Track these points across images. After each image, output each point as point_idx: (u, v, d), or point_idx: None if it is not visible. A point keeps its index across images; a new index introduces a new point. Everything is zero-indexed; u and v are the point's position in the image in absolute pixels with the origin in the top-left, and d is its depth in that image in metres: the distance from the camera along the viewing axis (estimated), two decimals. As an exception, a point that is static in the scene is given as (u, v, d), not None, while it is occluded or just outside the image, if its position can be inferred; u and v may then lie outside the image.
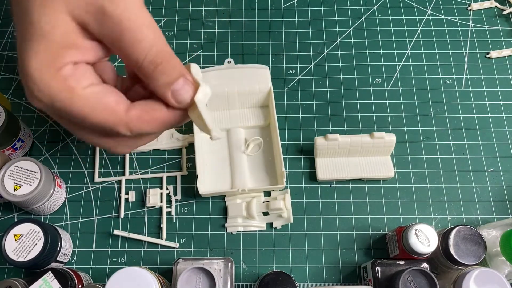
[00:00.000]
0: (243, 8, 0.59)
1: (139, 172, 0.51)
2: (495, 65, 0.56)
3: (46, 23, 0.30)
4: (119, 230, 0.48)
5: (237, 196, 0.49)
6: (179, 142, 0.51)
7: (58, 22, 0.31)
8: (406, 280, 0.38)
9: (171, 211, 0.49)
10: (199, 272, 0.37)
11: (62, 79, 0.31)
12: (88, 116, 0.32)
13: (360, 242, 0.48)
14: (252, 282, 0.46)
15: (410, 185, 0.50)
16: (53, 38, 0.31)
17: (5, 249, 0.41)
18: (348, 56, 0.56)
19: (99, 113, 0.32)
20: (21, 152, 0.50)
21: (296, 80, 0.55)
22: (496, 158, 0.51)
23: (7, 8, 0.59)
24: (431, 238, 0.41)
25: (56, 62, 0.31)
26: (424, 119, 0.53)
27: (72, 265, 0.47)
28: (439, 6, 0.59)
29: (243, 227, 0.48)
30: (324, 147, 0.48)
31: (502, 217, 0.48)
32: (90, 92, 0.32)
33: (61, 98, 0.31)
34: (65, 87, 0.31)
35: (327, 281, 0.46)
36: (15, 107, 0.54)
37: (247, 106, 0.52)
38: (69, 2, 0.31)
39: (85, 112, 0.32)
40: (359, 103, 0.54)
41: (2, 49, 0.57)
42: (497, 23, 0.58)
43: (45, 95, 0.31)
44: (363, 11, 0.59)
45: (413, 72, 0.55)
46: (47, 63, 0.30)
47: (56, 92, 0.31)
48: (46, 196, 0.45)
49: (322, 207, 0.49)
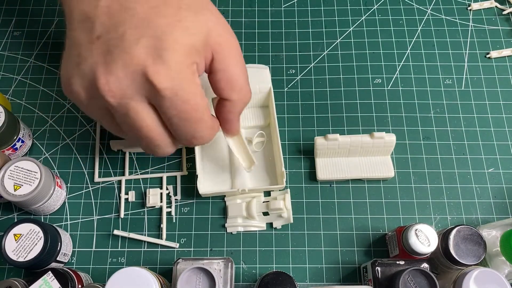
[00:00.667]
0: (243, 8, 0.59)
1: (139, 172, 0.51)
2: (495, 65, 0.56)
3: None
4: (119, 230, 0.48)
5: (237, 196, 0.49)
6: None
7: None
8: (406, 280, 0.38)
9: (171, 211, 0.49)
10: (199, 272, 0.37)
11: (191, 72, 0.36)
12: (199, 111, 0.37)
13: (360, 242, 0.48)
14: (252, 282, 0.46)
15: (410, 185, 0.50)
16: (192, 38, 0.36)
17: (5, 249, 0.41)
18: (348, 56, 0.56)
19: (205, 111, 0.38)
20: (21, 152, 0.50)
21: (296, 80, 0.55)
22: (496, 158, 0.51)
23: (7, 8, 0.59)
24: (431, 238, 0.41)
25: (191, 56, 0.36)
26: (424, 119, 0.53)
27: (72, 265, 0.47)
28: (439, 6, 0.59)
29: (243, 227, 0.48)
30: (324, 147, 0.48)
31: (502, 217, 0.48)
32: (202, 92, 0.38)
33: (186, 87, 0.36)
34: (193, 80, 0.36)
35: (327, 281, 0.46)
36: (15, 107, 0.54)
37: (247, 106, 0.52)
38: None
39: (198, 107, 0.37)
40: (359, 103, 0.54)
41: (2, 49, 0.57)
42: (497, 23, 0.58)
43: (174, 80, 0.35)
44: (363, 11, 0.59)
45: (413, 72, 0.55)
46: (186, 53, 0.36)
47: (185, 81, 0.36)
48: (46, 196, 0.45)
49: (322, 207, 0.49)
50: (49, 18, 0.59)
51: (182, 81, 0.36)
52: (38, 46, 0.57)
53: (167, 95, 0.35)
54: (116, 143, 0.51)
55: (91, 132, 0.52)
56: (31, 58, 0.56)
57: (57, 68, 0.55)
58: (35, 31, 0.58)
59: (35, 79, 0.55)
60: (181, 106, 0.36)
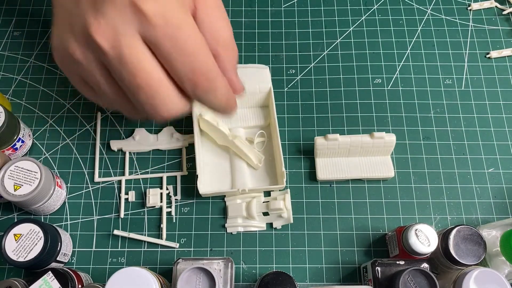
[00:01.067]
0: (243, 8, 0.59)
1: (139, 172, 0.51)
2: (495, 65, 0.56)
3: None
4: (119, 230, 0.48)
5: (237, 196, 0.49)
6: (179, 142, 0.51)
7: None
8: (406, 280, 0.38)
9: (171, 211, 0.49)
10: (199, 272, 0.37)
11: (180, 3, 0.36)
12: (194, 40, 0.36)
13: (360, 242, 0.48)
14: (252, 282, 0.46)
15: (410, 185, 0.50)
16: None
17: (5, 249, 0.41)
18: (348, 56, 0.56)
19: (204, 45, 0.37)
20: (21, 152, 0.50)
21: (296, 80, 0.55)
22: (496, 158, 0.51)
23: (7, 8, 0.59)
24: (431, 238, 0.41)
25: None
26: (424, 119, 0.53)
27: (72, 265, 0.47)
28: (439, 6, 0.59)
29: (243, 227, 0.48)
30: (324, 147, 0.48)
31: (502, 217, 0.48)
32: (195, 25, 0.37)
33: (176, 12, 0.35)
34: (183, 7, 0.36)
35: (327, 281, 0.46)
36: (15, 107, 0.54)
37: (247, 106, 0.52)
38: None
39: (192, 35, 0.36)
40: (359, 103, 0.54)
41: (2, 49, 0.57)
42: (497, 23, 0.58)
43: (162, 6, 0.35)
44: (363, 11, 0.59)
45: (413, 72, 0.55)
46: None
47: (174, 7, 0.35)
48: (46, 196, 0.45)
49: (322, 207, 0.49)
50: (49, 18, 0.59)
51: (172, 6, 0.35)
52: (38, 46, 0.57)
53: (158, 23, 0.34)
54: (116, 142, 0.51)
55: (91, 132, 0.52)
56: (31, 58, 0.56)
57: (57, 68, 0.55)
58: (35, 31, 0.58)
59: (35, 79, 0.55)
60: (174, 33, 0.35)
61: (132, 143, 0.51)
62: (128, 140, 0.51)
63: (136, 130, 0.52)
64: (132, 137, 0.51)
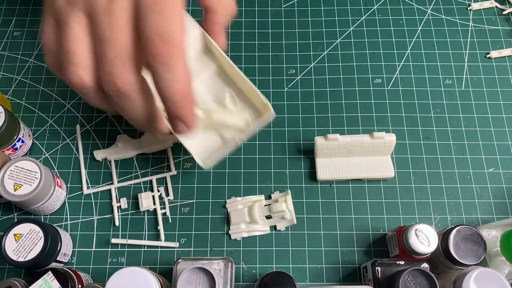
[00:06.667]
0: (243, 8, 0.59)
1: (128, 178, 0.50)
2: (495, 65, 0.56)
3: None
4: (118, 238, 0.47)
5: (238, 202, 0.48)
6: (163, 143, 0.51)
7: None
8: (406, 280, 0.38)
9: (166, 212, 0.48)
10: (199, 272, 0.37)
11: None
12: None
13: (360, 242, 0.48)
14: (252, 282, 0.46)
15: (410, 185, 0.50)
16: None
17: (5, 249, 0.41)
18: (348, 56, 0.56)
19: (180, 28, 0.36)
20: (21, 152, 0.50)
21: (296, 80, 0.55)
22: (496, 158, 0.51)
23: (7, 8, 0.59)
24: (431, 238, 0.41)
25: None
26: (424, 119, 0.53)
27: (72, 265, 0.47)
28: (439, 6, 0.59)
29: (247, 233, 0.48)
30: (324, 147, 0.48)
31: (502, 217, 0.48)
32: None
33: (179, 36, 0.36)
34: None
35: (327, 281, 0.46)
36: (15, 107, 0.54)
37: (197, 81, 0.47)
38: None
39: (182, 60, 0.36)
40: (359, 103, 0.54)
41: (2, 49, 0.57)
42: (497, 23, 0.58)
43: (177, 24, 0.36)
44: (363, 11, 0.59)
45: (413, 72, 0.55)
46: None
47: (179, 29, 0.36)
48: (46, 196, 0.45)
49: (322, 207, 0.49)
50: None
51: None
52: (38, 46, 0.57)
53: None
54: (100, 152, 0.51)
55: (91, 132, 0.52)
56: (31, 58, 0.56)
57: (57, 68, 0.55)
58: (35, 31, 0.58)
59: (35, 79, 0.55)
60: None
61: (116, 150, 0.51)
62: (112, 148, 0.51)
63: (119, 137, 0.51)
64: (115, 145, 0.51)
